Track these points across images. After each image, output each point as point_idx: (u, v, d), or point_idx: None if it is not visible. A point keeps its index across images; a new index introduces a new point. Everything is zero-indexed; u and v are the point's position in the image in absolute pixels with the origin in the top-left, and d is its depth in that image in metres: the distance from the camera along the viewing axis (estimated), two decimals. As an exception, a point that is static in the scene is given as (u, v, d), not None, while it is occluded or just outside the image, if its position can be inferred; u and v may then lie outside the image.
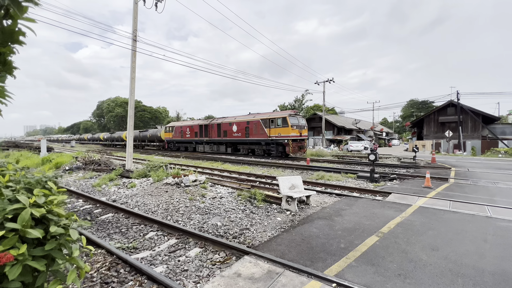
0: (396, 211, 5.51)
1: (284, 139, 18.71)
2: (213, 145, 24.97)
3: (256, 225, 4.95)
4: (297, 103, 43.04)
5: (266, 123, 19.96)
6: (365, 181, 9.84)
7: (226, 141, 23.65)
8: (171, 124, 30.98)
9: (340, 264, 3.29)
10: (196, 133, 26.44)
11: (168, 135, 30.11)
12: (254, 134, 20.87)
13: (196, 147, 27.14)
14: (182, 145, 29.06)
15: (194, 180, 8.46)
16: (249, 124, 21.33)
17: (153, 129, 36.56)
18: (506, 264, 3.24)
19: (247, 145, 22.33)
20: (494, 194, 7.33)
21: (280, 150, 19.58)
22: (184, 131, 28.05)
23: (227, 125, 23.16)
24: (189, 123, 28.16)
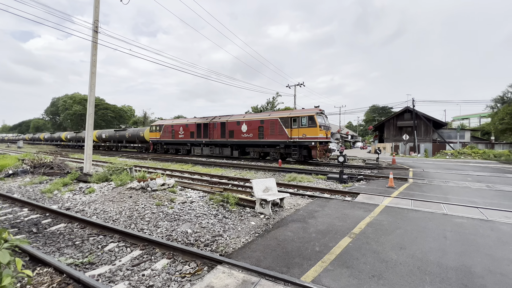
0: (365, 211, 5.70)
1: (311, 141, 16.03)
2: (214, 147, 21.47)
3: (230, 231, 4.73)
4: (269, 106, 43.65)
5: (286, 122, 17.14)
6: (335, 182, 10.16)
7: (232, 143, 20.28)
8: (158, 123, 27.02)
9: (316, 268, 3.23)
10: (192, 133, 22.85)
11: (155, 135, 26.35)
12: (270, 135, 17.94)
13: (192, 149, 23.55)
14: (172, 147, 25.45)
15: (162, 184, 7.92)
16: (263, 123, 18.30)
17: (134, 128, 32.01)
18: (465, 259, 3.48)
19: (260, 147, 19.17)
20: (447, 192, 8.04)
21: (304, 154, 16.96)
22: (176, 130, 24.27)
23: (234, 124, 19.99)
24: (182, 122, 24.49)
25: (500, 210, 5.83)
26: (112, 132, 32.78)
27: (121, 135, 31.24)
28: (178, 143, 24.80)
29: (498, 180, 10.52)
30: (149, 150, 28.40)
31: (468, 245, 3.93)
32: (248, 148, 19.90)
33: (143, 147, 29.47)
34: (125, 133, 31.06)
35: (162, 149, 26.36)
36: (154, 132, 26.61)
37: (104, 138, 33.58)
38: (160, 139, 25.84)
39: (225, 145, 21.01)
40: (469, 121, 61.04)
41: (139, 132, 29.18)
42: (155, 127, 26.60)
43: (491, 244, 3.94)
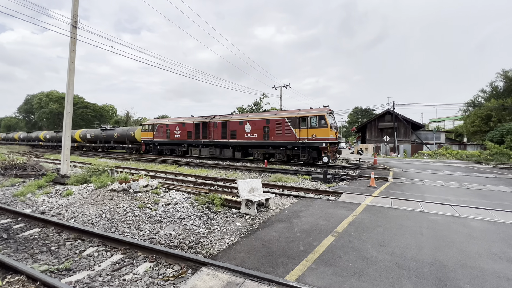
0: (348, 210, 5.87)
1: (321, 142, 15.46)
2: (214, 148, 20.34)
3: (215, 232, 4.69)
4: (256, 106, 43.74)
5: (294, 122, 16.44)
6: (319, 182, 10.36)
7: (234, 144, 19.18)
8: (151, 122, 25.34)
9: (301, 267, 3.28)
10: (190, 133, 21.50)
11: (147, 135, 24.64)
12: (276, 135, 17.15)
13: (189, 150, 22.16)
14: (167, 147, 23.84)
15: (145, 186, 7.71)
16: (269, 123, 17.49)
17: (124, 128, 29.76)
18: (440, 254, 3.67)
19: (265, 148, 18.22)
20: (424, 191, 8.45)
21: (313, 156, 16.33)
22: (171, 130, 22.80)
23: (237, 124, 18.97)
24: (179, 121, 22.86)
25: (470, 207, 6.20)
26: (98, 132, 30.66)
27: (109, 135, 29.18)
28: (173, 144, 23.26)
29: (469, 179, 11.19)
30: (140, 151, 26.78)
31: (442, 241, 4.15)
32: (252, 149, 18.84)
33: (134, 148, 27.52)
34: (113, 132, 28.92)
35: (156, 150, 24.66)
36: (146, 131, 24.90)
37: (89, 138, 31.55)
38: (153, 139, 24.25)
39: (226, 146, 19.88)
40: (444, 123, 64.46)
41: (130, 131, 27.20)
42: (148, 126, 24.79)
43: (462, 240, 4.19)
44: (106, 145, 30.02)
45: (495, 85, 28.86)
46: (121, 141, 28.33)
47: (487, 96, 29.66)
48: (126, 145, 27.99)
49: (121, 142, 28.54)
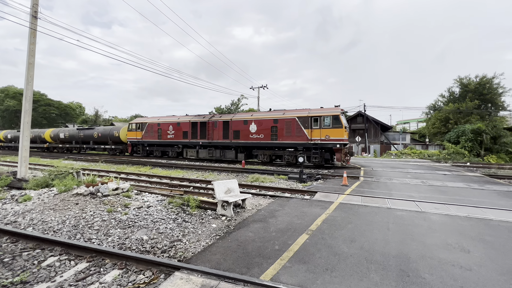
0: (322, 209, 6.07)
1: (336, 143, 14.82)
2: (214, 149, 18.91)
3: (189, 235, 4.58)
4: (233, 107, 43.53)
5: (306, 122, 15.59)
6: (295, 182, 10.59)
7: (237, 145, 17.92)
8: (140, 120, 22.90)
9: (275, 266, 3.32)
10: (186, 132, 19.87)
11: (134, 134, 22.39)
12: (285, 136, 16.20)
13: (184, 151, 20.44)
14: (158, 149, 21.74)
15: (115, 188, 7.31)
16: (277, 123, 16.48)
17: (106, 127, 26.55)
18: (404, 247, 3.94)
19: (271, 150, 17.25)
20: (391, 188, 9.01)
21: (326, 157, 15.75)
22: (164, 129, 20.89)
23: (240, 124, 17.76)
24: (173, 119, 20.94)
25: (431, 203, 6.74)
26: (74, 131, 27.45)
27: (87, 135, 26.23)
28: (166, 145, 21.27)
29: (430, 177, 12.15)
30: (125, 153, 24.57)
31: (406, 234, 4.46)
32: (257, 151, 17.72)
33: (118, 149, 24.85)
34: (92, 132, 25.99)
35: (144, 151, 22.48)
36: (133, 131, 22.55)
37: (63, 138, 28.24)
38: (142, 140, 22.04)
39: (227, 147, 18.56)
40: (409, 125, 69.38)
41: (113, 131, 24.50)
42: (136, 125, 22.47)
43: (423, 233, 4.54)
44: (84, 146, 26.92)
45: (452, 91, 31.70)
46: (103, 142, 25.52)
47: (446, 100, 32.48)
48: (108, 146, 25.12)
49: (102, 143, 25.66)
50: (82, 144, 27.13)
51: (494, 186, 9.78)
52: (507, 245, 4.03)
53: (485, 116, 28.29)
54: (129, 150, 23.20)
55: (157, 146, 21.82)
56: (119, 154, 25.02)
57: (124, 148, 24.36)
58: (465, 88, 29.54)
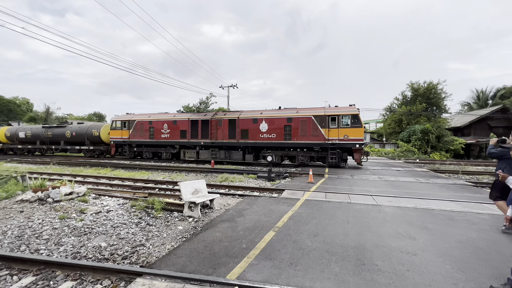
0: (288, 206, 6.27)
1: (355, 143, 14.47)
2: (218, 150, 17.44)
3: (154, 239, 4.40)
4: (203, 105, 42.59)
5: (323, 121, 14.97)
6: (264, 180, 10.78)
7: (246, 145, 16.68)
8: (126, 117, 20.22)
9: (242, 265, 3.36)
10: (184, 132, 18.14)
11: (120, 134, 19.99)
12: (300, 136, 15.43)
13: (181, 153, 18.66)
14: (149, 149, 19.72)
15: (69, 193, 6.69)
16: (291, 121, 15.60)
17: (82, 124, 23.16)
18: (361, 238, 4.27)
19: (283, 150, 16.37)
20: (352, 184, 9.66)
21: (344, 158, 15.36)
22: (157, 128, 18.85)
23: (249, 122, 16.50)
24: (167, 117, 18.94)
25: (385, 196, 7.40)
26: (39, 130, 23.39)
27: (57, 134, 22.74)
28: (159, 145, 19.26)
29: (386, 173, 13.30)
30: (105, 154, 21.87)
31: (363, 226, 4.83)
32: (267, 151, 16.74)
33: (97, 151, 22.02)
34: (63, 131, 22.52)
35: (131, 152, 20.28)
36: (118, 130, 20.09)
37: (22, 138, 24.36)
38: (129, 140, 19.77)
39: (234, 148, 17.26)
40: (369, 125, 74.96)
41: (91, 129, 21.51)
42: (121, 123, 20.04)
43: (378, 224, 4.96)
44: (52, 148, 23.33)
45: (405, 94, 35.00)
46: (78, 142, 22.49)
47: (399, 103, 35.78)
48: (86, 147, 22.05)
49: (77, 143, 22.59)
50: (49, 144, 23.45)
51: (437, 179, 11.07)
52: (445, 231, 4.61)
53: (431, 118, 31.79)
54: (113, 151, 20.67)
55: (148, 146, 19.73)
56: (99, 156, 22.30)
57: (106, 149, 21.73)
58: (415, 92, 32.83)
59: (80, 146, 22.42)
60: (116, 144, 20.54)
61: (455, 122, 34.46)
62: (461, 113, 39.82)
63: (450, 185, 9.73)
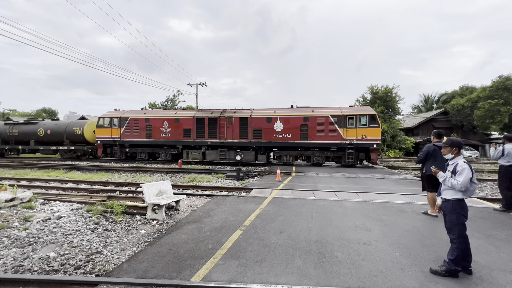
0: (256, 204, 6.35)
1: (373, 143, 14.57)
2: (227, 150, 16.39)
3: (113, 245, 4.11)
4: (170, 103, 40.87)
5: (341, 121, 14.93)
6: (233, 180, 10.76)
7: (259, 145, 15.97)
8: (115, 114, 18.12)
9: (208, 266, 3.31)
10: (188, 130, 16.74)
11: (109, 132, 17.82)
12: (317, 135, 15.19)
13: (184, 153, 17.18)
14: (145, 150, 17.86)
15: (10, 199, 5.93)
16: (308, 121, 15.29)
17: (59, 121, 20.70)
18: (323, 232, 4.50)
19: (297, 150, 16.04)
20: (317, 182, 10.14)
21: (361, 158, 15.41)
22: (156, 126, 17.18)
23: (263, 121, 15.82)
24: (168, 114, 17.43)
25: (346, 192, 7.91)
26: (1, 127, 19.96)
27: (26, 132, 19.59)
28: (158, 145, 17.61)
29: (348, 170, 14.20)
30: (88, 156, 19.40)
31: (326, 221, 5.11)
32: (280, 151, 16.25)
33: (79, 151, 19.49)
34: (35, 128, 19.53)
35: (123, 153, 18.21)
36: (107, 128, 17.94)
37: None
38: (120, 139, 17.77)
39: (245, 148, 16.43)
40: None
41: (72, 127, 18.99)
42: (111, 121, 17.91)
43: (339, 218, 5.29)
44: (19, 148, 20.31)
45: (365, 97, 37.72)
46: (54, 141, 19.76)
47: (360, 105, 38.48)
48: (64, 147, 19.26)
49: (53, 143, 19.83)
50: (15, 144, 20.29)
51: (391, 175, 12.15)
52: (396, 221, 5.09)
53: (387, 119, 34.77)
54: (99, 152, 18.49)
55: (144, 147, 17.93)
56: (80, 157, 19.71)
57: (91, 149, 19.55)
58: (374, 95, 35.58)
59: (57, 146, 19.71)
60: (104, 144, 18.29)
61: (407, 123, 38.12)
62: (412, 115, 44.20)
63: (402, 180, 10.77)
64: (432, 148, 5.25)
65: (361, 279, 2.99)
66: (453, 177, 3.12)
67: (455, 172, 3.12)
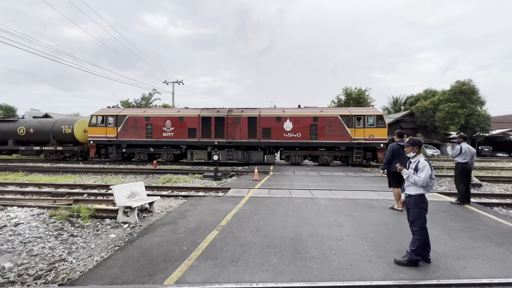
0: (233, 204, 6.34)
1: (379, 143, 15.00)
2: (235, 150, 15.95)
3: (79, 251, 3.87)
4: (144, 101, 39.26)
5: (350, 121, 15.20)
6: (210, 180, 10.62)
7: (268, 145, 15.90)
8: (111, 112, 16.83)
9: (182, 268, 3.25)
10: (193, 130, 16.00)
11: (103, 131, 16.45)
12: (326, 135, 15.41)
13: (188, 153, 16.31)
14: (144, 150, 16.77)
15: (-43, 206, 5.31)
16: (317, 120, 15.46)
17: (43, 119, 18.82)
18: (298, 229, 4.62)
19: (306, 150, 16.12)
20: (293, 180, 10.36)
21: (368, 157, 15.58)
22: (157, 125, 16.22)
23: (272, 121, 15.67)
24: (170, 112, 16.58)
25: (321, 190, 8.18)
26: None
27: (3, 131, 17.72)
28: (159, 145, 16.64)
29: (324, 169, 14.69)
30: (78, 157, 17.60)
31: (301, 218, 5.25)
32: (289, 151, 16.22)
33: (68, 152, 17.71)
34: (14, 126, 17.65)
35: (118, 154, 16.93)
36: (100, 127, 16.57)
37: None
38: (117, 139, 16.49)
39: (254, 148, 16.17)
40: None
41: (60, 125, 17.23)
42: (105, 119, 16.60)
43: (313, 215, 5.46)
44: None
45: (340, 98, 39.27)
46: (38, 141, 17.86)
47: (335, 105, 39.98)
48: (50, 148, 17.40)
49: (37, 143, 17.91)
50: None
51: (363, 173, 12.79)
52: (366, 217, 5.38)
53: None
54: (92, 153, 16.97)
55: (143, 147, 16.85)
56: (69, 158, 17.85)
57: (82, 150, 17.89)
58: (348, 97, 37.16)
59: (42, 147, 17.84)
60: (98, 144, 16.85)
61: (378, 124, 40.33)
62: (382, 116, 46.81)
63: (372, 177, 11.38)
64: (395, 147, 5.64)
65: (332, 272, 3.12)
66: (416, 174, 3.37)
67: (417, 169, 3.38)
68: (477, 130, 29.19)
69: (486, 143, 34.02)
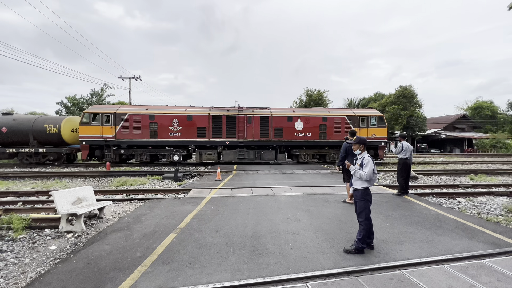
0: (194, 205, 6.18)
1: (381, 142, 16.17)
2: (246, 150, 15.85)
3: (8, 268, 3.37)
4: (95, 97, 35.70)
5: (355, 121, 16.26)
6: (170, 181, 10.19)
7: (280, 144, 16.18)
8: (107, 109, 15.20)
9: (134, 276, 3.06)
10: (202, 129, 15.30)
11: (98, 131, 14.57)
12: (334, 134, 16.16)
13: (198, 154, 15.53)
14: (146, 151, 15.31)
15: None
16: (327, 121, 16.18)
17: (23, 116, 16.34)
18: (258, 227, 4.71)
19: (314, 149, 16.72)
20: (256, 179, 10.52)
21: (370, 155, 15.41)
22: (162, 124, 14.95)
23: (283, 120, 15.93)
24: (177, 111, 15.41)
25: (282, 187, 8.46)
26: None
27: None
28: (163, 146, 15.39)
29: (286, 167, 15.21)
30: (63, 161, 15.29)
31: (261, 216, 5.36)
32: (299, 150, 16.65)
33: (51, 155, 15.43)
34: None
35: (116, 156, 15.12)
36: (94, 125, 14.61)
37: None
38: (115, 139, 14.75)
39: (265, 147, 16.31)
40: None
41: (42, 124, 15.00)
42: (101, 116, 14.68)
43: (273, 212, 5.62)
44: None
45: (302, 99, 41.03)
46: (13, 142, 15.14)
47: (298, 106, 41.66)
48: (28, 150, 15.02)
49: (12, 144, 15.15)
50: None
51: (321, 170, 13.59)
52: (321, 211, 5.74)
53: (319, 120, 38.76)
54: (84, 155, 14.83)
55: (147, 147, 15.50)
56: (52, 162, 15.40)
57: (71, 151, 15.73)
58: (309, 98, 39.02)
59: (19, 149, 15.22)
60: (93, 145, 14.91)
61: (335, 124, 43.20)
62: (339, 117, 50.27)
63: (329, 174, 12.17)
64: (348, 145, 6.14)
65: (288, 266, 3.26)
66: (361, 169, 3.70)
67: (362, 165, 3.72)
68: (416, 129, 33.31)
69: (423, 141, 39.04)
